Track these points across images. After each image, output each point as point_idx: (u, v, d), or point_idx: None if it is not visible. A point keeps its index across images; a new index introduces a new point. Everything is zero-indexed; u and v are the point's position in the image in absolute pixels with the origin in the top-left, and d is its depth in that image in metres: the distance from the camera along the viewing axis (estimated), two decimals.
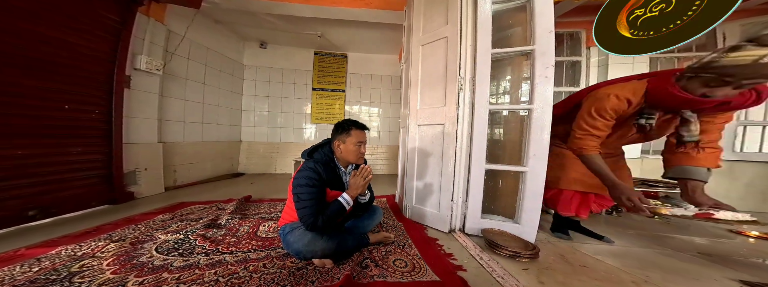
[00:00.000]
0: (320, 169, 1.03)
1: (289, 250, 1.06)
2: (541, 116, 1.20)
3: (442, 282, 0.93)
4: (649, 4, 0.50)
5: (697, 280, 0.97)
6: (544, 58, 1.19)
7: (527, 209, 1.23)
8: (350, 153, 1.08)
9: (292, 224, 1.09)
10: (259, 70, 3.69)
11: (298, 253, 1.02)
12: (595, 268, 1.03)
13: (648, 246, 1.32)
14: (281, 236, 1.11)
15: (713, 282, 0.97)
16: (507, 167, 1.32)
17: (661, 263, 1.12)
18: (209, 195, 2.29)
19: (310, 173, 1.01)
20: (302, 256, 1.02)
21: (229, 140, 3.44)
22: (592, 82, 2.50)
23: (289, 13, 2.54)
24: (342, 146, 1.08)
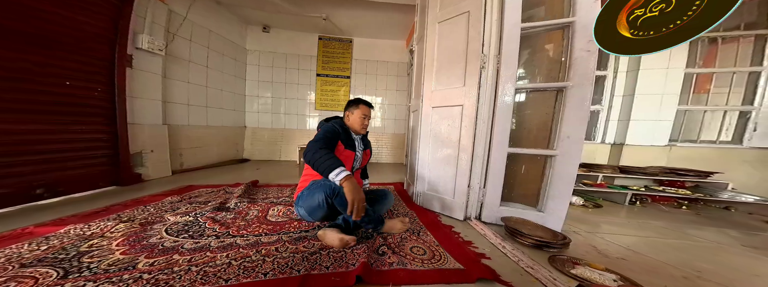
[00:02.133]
0: (338, 127, 1.24)
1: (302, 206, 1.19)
2: (579, 94, 1.08)
3: (466, 270, 0.87)
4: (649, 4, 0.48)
5: (755, 276, 0.89)
6: (587, 30, 1.06)
7: (553, 196, 1.15)
8: (356, 123, 1.32)
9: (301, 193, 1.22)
10: (263, 55, 3.58)
11: (313, 204, 1.11)
12: (635, 261, 0.96)
13: (681, 239, 1.23)
14: (298, 207, 1.23)
15: (761, 274, 0.89)
16: (533, 151, 1.22)
17: (707, 256, 1.04)
18: (216, 179, 2.28)
19: (332, 127, 1.23)
20: (313, 204, 1.11)
21: (233, 126, 3.40)
22: (623, 64, 2.32)
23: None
24: (350, 117, 1.33)
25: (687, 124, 2.30)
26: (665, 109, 2.20)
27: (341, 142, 1.22)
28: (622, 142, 2.32)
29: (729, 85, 2.23)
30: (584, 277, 0.79)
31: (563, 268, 0.85)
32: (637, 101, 2.25)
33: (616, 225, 1.42)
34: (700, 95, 2.30)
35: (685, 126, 2.30)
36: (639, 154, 2.27)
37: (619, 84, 2.35)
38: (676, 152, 2.24)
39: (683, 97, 2.23)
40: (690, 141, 2.29)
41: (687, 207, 1.82)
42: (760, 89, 2.10)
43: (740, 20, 2.13)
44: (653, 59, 2.18)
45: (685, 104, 2.26)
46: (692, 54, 2.18)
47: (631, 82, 2.29)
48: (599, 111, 2.43)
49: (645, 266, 0.92)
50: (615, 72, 2.35)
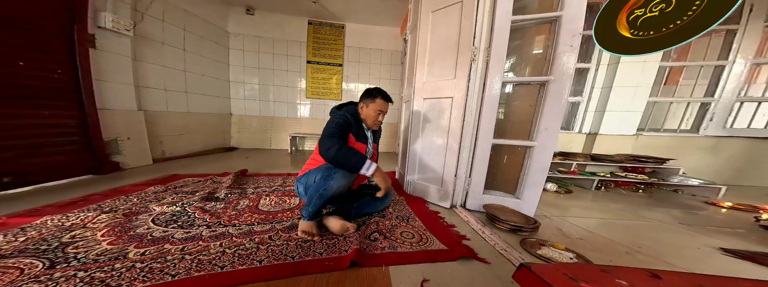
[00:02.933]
0: (350, 118, 1.14)
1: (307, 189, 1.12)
2: (558, 88, 1.13)
3: (449, 250, 0.95)
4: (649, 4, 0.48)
5: (681, 249, 1.05)
6: (572, 25, 1.08)
7: (530, 184, 1.25)
8: (369, 117, 1.20)
9: (312, 170, 1.16)
10: (247, 39, 3.32)
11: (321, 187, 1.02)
12: (591, 240, 1.09)
13: (634, 219, 1.40)
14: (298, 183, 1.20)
15: (696, 250, 1.05)
16: (515, 142, 1.29)
17: (649, 234, 1.20)
18: (202, 168, 2.22)
19: (343, 117, 1.13)
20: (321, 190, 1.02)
21: (218, 113, 3.25)
22: (604, 57, 2.40)
23: None
24: (364, 109, 1.20)
25: (654, 114, 2.48)
26: (637, 100, 2.35)
27: (352, 134, 1.14)
28: (597, 132, 2.48)
29: (696, 77, 2.40)
30: (547, 257, 0.90)
31: (531, 250, 0.96)
32: (613, 93, 2.37)
33: (581, 209, 1.57)
34: (670, 86, 2.46)
35: (652, 116, 2.48)
36: (610, 143, 2.45)
37: (600, 76, 2.44)
38: (642, 141, 2.44)
39: (654, 89, 2.38)
40: (654, 130, 2.48)
41: (643, 191, 2.03)
42: (722, 82, 2.27)
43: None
44: None
45: (655, 96, 2.41)
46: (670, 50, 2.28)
47: (610, 74, 2.39)
48: (580, 102, 2.55)
49: (598, 244, 1.05)
50: (597, 65, 2.43)
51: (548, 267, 0.26)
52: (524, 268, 0.27)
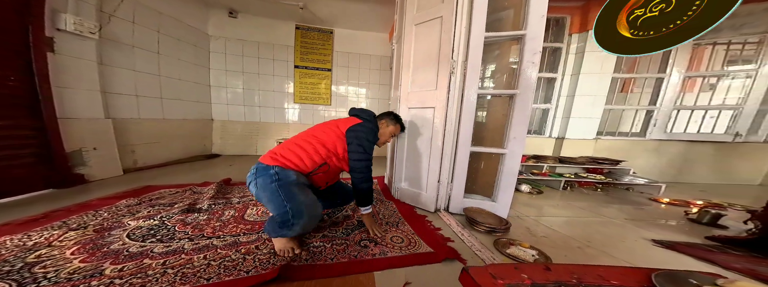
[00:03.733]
0: (377, 131, 1.20)
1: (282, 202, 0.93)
2: (523, 101, 1.26)
3: (435, 252, 1.02)
4: (649, 4, 0.49)
5: (620, 242, 1.21)
6: (533, 43, 1.22)
7: (503, 188, 1.36)
8: (384, 136, 1.29)
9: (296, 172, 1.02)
10: (230, 42, 3.22)
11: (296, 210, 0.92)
12: (552, 238, 1.22)
13: (592, 217, 1.57)
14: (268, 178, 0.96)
15: (634, 242, 1.21)
16: (489, 150, 1.40)
17: (600, 229, 1.36)
18: (181, 178, 2.11)
19: (373, 132, 1.16)
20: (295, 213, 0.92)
21: (198, 119, 3.10)
22: (568, 68, 2.66)
23: None
24: (384, 129, 1.29)
25: (610, 120, 2.79)
26: (596, 107, 2.63)
27: None
28: (564, 136, 2.73)
29: (642, 87, 2.74)
30: (514, 255, 1.00)
31: (502, 249, 1.05)
32: (576, 101, 2.63)
33: (550, 207, 1.73)
34: (624, 94, 2.78)
35: (608, 122, 2.78)
36: (575, 146, 2.71)
37: (566, 85, 2.70)
38: (601, 144, 2.72)
39: (610, 97, 2.68)
40: (611, 134, 2.79)
41: (601, 190, 2.27)
42: (662, 92, 2.62)
43: None
44: (590, 64, 2.55)
45: (610, 104, 2.71)
46: (619, 61, 2.60)
47: (573, 84, 2.65)
48: (549, 109, 2.79)
49: (557, 241, 1.18)
50: (562, 75, 2.69)
51: (479, 269, 0.32)
52: (464, 271, 0.33)
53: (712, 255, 1.08)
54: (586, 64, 2.53)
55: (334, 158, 1.11)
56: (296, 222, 0.92)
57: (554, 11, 2.55)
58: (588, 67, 2.54)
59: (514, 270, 0.32)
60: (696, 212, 1.59)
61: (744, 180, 2.67)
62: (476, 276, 0.30)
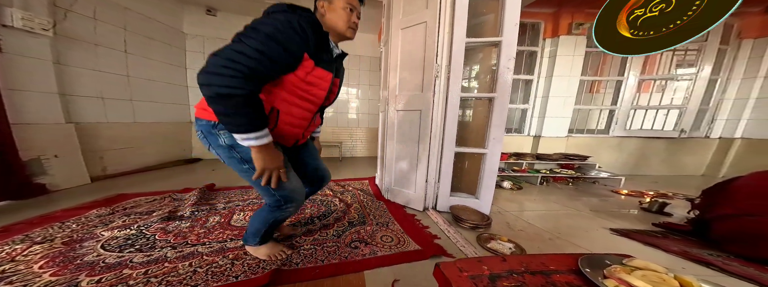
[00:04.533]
0: (305, 26, 0.65)
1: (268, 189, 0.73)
2: (501, 103, 1.35)
3: (423, 250, 1.07)
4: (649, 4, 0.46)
5: (585, 232, 1.34)
6: (509, 49, 1.31)
7: (485, 186, 1.45)
8: (339, 19, 0.76)
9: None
10: (209, 41, 3.07)
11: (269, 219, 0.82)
12: (528, 231, 1.32)
13: (562, 210, 1.71)
14: (224, 150, 0.72)
15: (595, 231, 1.35)
16: (472, 150, 1.49)
17: (568, 222, 1.49)
18: (158, 185, 2.00)
19: (294, 22, 0.63)
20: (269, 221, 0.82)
21: (175, 121, 2.92)
22: (543, 71, 2.85)
23: None
24: (327, 7, 0.75)
25: (579, 119, 3.03)
26: (567, 107, 2.85)
27: (309, 55, 0.68)
28: (540, 134, 2.92)
29: (605, 89, 3.00)
30: (494, 249, 1.08)
31: (484, 244, 1.13)
32: (550, 102, 2.83)
33: (528, 202, 1.86)
34: (591, 95, 3.04)
35: (578, 121, 3.02)
36: (550, 143, 2.91)
37: (541, 87, 2.90)
38: (572, 141, 2.95)
39: (579, 98, 2.91)
40: (580, 132, 3.03)
41: (572, 184, 2.47)
42: (621, 93, 2.89)
43: None
44: (561, 67, 2.75)
45: (579, 104, 2.95)
46: (585, 65, 2.83)
47: (547, 86, 2.85)
48: (527, 109, 2.98)
49: (532, 234, 1.28)
50: (538, 77, 2.88)
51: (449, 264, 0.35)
52: (437, 267, 0.36)
53: (656, 240, 1.23)
54: (557, 67, 2.73)
55: (270, 93, 0.69)
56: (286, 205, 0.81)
57: (530, 16, 2.72)
58: (559, 70, 2.74)
59: (477, 262, 0.37)
60: (648, 201, 1.78)
61: (690, 172, 3.03)
62: (446, 270, 0.35)
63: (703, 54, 2.66)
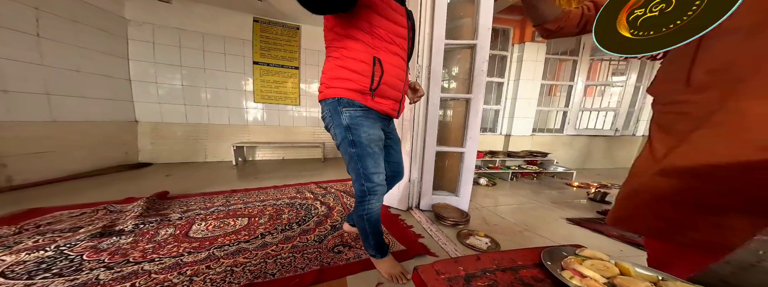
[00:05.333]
0: None
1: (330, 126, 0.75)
2: (476, 104, 1.42)
3: (407, 249, 1.05)
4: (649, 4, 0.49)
5: (547, 223, 1.48)
6: (483, 52, 1.39)
7: (463, 183, 1.50)
8: None
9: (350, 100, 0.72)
10: (161, 30, 2.67)
11: (362, 212, 0.80)
12: (501, 225, 1.41)
13: (529, 203, 1.86)
14: (333, 111, 0.73)
15: (555, 222, 1.49)
16: (451, 149, 1.53)
17: (534, 214, 1.62)
18: (91, 195, 1.66)
19: None
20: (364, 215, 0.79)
21: (114, 121, 2.48)
22: (512, 74, 3.10)
23: None
24: None
25: (541, 119, 3.37)
26: (531, 108, 3.15)
27: None
28: (510, 133, 3.18)
29: (560, 92, 3.40)
30: (472, 244, 1.13)
31: (463, 240, 1.17)
32: (517, 103, 3.10)
33: (501, 197, 1.99)
34: (551, 97, 3.40)
35: (539, 120, 3.36)
36: (518, 142, 3.18)
37: (510, 89, 3.15)
38: (536, 140, 3.27)
39: (540, 100, 3.24)
40: (541, 131, 3.37)
41: (536, 178, 2.73)
42: (572, 96, 3.30)
43: (567, 47, 3.25)
44: (526, 72, 3.03)
45: (541, 106, 3.28)
46: (545, 70, 3.17)
47: (515, 88, 3.11)
48: (499, 110, 3.21)
49: (505, 228, 1.37)
50: (508, 80, 3.13)
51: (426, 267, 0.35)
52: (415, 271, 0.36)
53: (600, 226, 1.41)
54: (523, 71, 3.01)
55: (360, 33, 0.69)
56: (369, 195, 0.77)
57: (501, 22, 2.95)
58: (525, 74, 3.02)
59: (454, 263, 0.37)
60: (593, 192, 2.04)
61: (624, 165, 3.58)
62: (423, 274, 0.34)
63: (630, 64, 3.19)
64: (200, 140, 3.01)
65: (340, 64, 0.71)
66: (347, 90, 0.70)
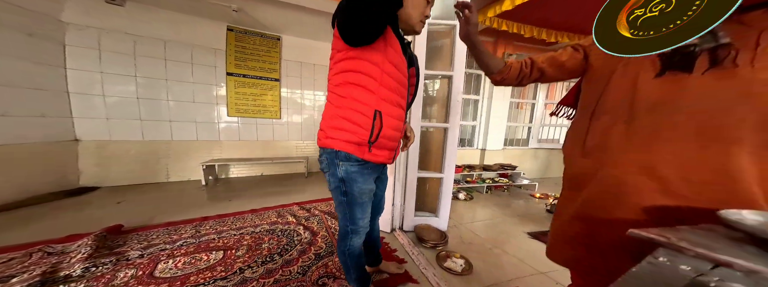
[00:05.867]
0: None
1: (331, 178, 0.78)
2: (453, 132, 1.56)
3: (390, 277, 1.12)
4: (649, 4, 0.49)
5: (513, 237, 1.64)
6: (458, 83, 1.51)
7: (442, 205, 1.64)
8: (415, 8, 0.73)
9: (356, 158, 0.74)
10: (109, 35, 2.37)
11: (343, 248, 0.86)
12: (475, 243, 1.55)
13: (498, 217, 2.04)
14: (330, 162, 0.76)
15: (518, 237, 1.65)
16: (432, 175, 1.65)
17: (502, 229, 1.79)
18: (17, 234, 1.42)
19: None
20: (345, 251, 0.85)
21: (46, 141, 2.14)
22: (486, 92, 3.35)
23: None
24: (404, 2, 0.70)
25: (511, 134, 3.71)
26: (502, 124, 3.45)
27: (392, 30, 0.71)
28: (485, 147, 3.43)
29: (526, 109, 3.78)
30: (449, 267, 1.23)
31: (441, 263, 1.26)
32: (491, 119, 3.38)
33: (477, 212, 2.16)
34: (520, 110, 3.76)
35: (510, 135, 3.69)
36: (492, 155, 3.46)
37: (485, 106, 3.41)
38: (507, 153, 3.59)
39: (510, 116, 3.57)
40: (511, 145, 3.70)
41: (507, 190, 2.98)
42: (535, 113, 3.70)
43: None
44: (498, 90, 3.32)
45: (510, 121, 3.61)
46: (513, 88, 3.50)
47: (489, 105, 3.39)
48: (476, 126, 3.45)
49: (478, 246, 1.51)
50: (482, 98, 3.39)
51: None
52: None
53: None
54: (495, 90, 3.30)
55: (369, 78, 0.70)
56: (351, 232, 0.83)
57: None
58: (497, 92, 3.32)
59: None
60: (550, 203, 2.31)
61: None
62: None
63: None
64: (160, 159, 2.74)
65: (341, 115, 0.72)
66: (346, 142, 0.72)
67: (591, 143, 0.57)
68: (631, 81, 0.52)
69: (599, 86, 0.59)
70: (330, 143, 0.74)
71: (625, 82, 0.53)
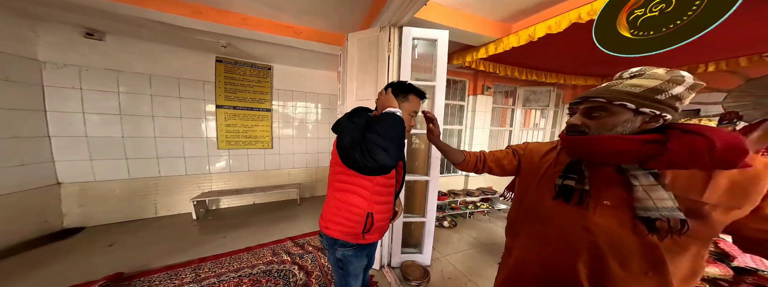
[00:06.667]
0: None
1: None
2: (433, 184, 1.79)
3: None
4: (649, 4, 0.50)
5: (487, 268, 1.88)
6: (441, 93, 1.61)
7: (425, 243, 1.89)
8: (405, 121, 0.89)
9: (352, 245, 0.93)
10: (90, 73, 2.32)
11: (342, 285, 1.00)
12: (454, 277, 1.79)
13: (475, 246, 2.27)
14: (329, 246, 0.95)
15: (489, 268, 1.88)
16: (417, 219, 1.89)
17: (478, 258, 2.05)
18: None
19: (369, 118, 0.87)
20: None
21: (26, 190, 2.08)
22: (469, 122, 3.66)
23: (162, 20, 1.91)
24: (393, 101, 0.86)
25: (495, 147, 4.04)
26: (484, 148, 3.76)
27: None
28: (468, 174, 3.72)
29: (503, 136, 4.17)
30: None
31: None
32: (473, 147, 3.68)
33: (457, 241, 2.40)
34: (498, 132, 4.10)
35: None
36: (475, 180, 3.74)
37: (468, 135, 3.70)
38: (488, 177, 3.89)
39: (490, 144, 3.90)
40: None
41: (487, 215, 3.27)
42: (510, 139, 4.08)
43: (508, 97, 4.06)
44: (479, 121, 3.64)
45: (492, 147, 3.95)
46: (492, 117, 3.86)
47: (471, 134, 3.69)
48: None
49: (455, 280, 1.73)
50: (465, 127, 3.69)
51: None
52: None
53: None
54: (477, 120, 3.62)
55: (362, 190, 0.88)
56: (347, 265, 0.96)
57: (458, 75, 3.44)
58: (478, 122, 3.62)
59: None
60: None
61: None
62: None
63: (548, 112, 4.13)
64: (148, 196, 2.75)
65: (340, 214, 0.90)
66: (342, 233, 0.91)
67: (515, 230, 0.82)
68: (539, 197, 0.77)
69: (522, 189, 0.83)
70: (329, 232, 0.92)
71: (536, 196, 0.78)
